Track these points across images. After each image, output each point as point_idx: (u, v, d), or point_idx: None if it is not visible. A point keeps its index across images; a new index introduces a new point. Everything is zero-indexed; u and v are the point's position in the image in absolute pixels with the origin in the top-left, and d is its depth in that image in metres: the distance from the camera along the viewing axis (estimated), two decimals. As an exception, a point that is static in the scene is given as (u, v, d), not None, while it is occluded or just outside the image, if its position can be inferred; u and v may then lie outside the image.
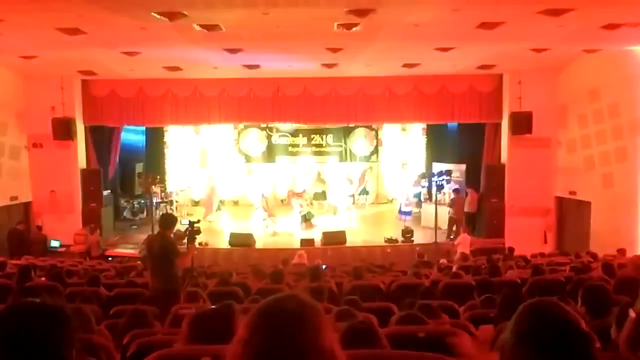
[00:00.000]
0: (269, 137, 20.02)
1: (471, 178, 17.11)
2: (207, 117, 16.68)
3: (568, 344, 1.51)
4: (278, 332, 1.32)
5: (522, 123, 15.04)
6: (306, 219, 16.62)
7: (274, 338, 1.31)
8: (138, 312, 4.57)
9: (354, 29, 9.82)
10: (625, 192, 12.76)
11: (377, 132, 20.18)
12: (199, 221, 7.81)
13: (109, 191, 17.05)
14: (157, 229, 7.49)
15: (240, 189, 19.74)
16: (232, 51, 12.01)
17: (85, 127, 16.23)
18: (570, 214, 15.13)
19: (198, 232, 7.68)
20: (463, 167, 17.48)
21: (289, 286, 7.64)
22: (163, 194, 18.06)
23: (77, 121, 15.67)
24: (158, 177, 17.56)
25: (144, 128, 19.00)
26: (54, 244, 15.17)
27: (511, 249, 13.18)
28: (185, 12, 8.78)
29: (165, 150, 19.97)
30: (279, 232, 16.41)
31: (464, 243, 13.76)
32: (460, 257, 12.13)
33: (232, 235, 15.23)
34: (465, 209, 16.33)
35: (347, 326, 2.89)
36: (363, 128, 19.90)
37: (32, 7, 8.41)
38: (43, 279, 8.20)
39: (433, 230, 15.30)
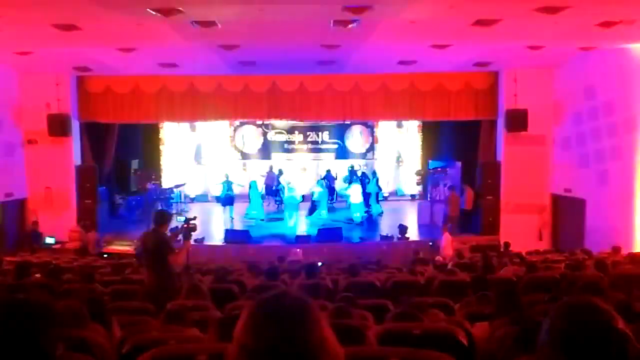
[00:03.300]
0: (264, 133, 20.02)
1: (467, 175, 17.14)
2: (203, 114, 16.66)
3: (603, 346, 1.49)
4: (277, 331, 1.30)
5: (517, 120, 15.08)
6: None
7: (273, 337, 1.30)
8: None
9: (350, 25, 9.83)
10: (620, 189, 12.81)
11: (373, 129, 20.20)
12: (194, 218, 7.79)
13: (105, 188, 17.01)
14: (152, 226, 7.47)
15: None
16: (228, 48, 11.99)
17: (81, 124, 16.18)
18: (565, 211, 15.18)
19: (194, 229, 7.65)
20: (459, 164, 17.52)
21: (285, 283, 7.66)
22: (158, 190, 18.04)
23: (73, 117, 15.63)
24: (153, 173, 17.53)
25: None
26: (49, 240, 15.14)
27: (507, 244, 13.21)
28: (180, 9, 8.77)
29: (161, 147, 19.96)
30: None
31: (446, 244, 13.73)
32: (455, 255, 12.15)
33: (227, 232, 15.23)
34: (461, 206, 16.38)
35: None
36: (359, 125, 19.93)
37: (28, 2, 8.39)
38: (38, 275, 8.18)
39: (429, 228, 15.32)
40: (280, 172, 18.70)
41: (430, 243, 14.80)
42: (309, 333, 1.31)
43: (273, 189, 18.26)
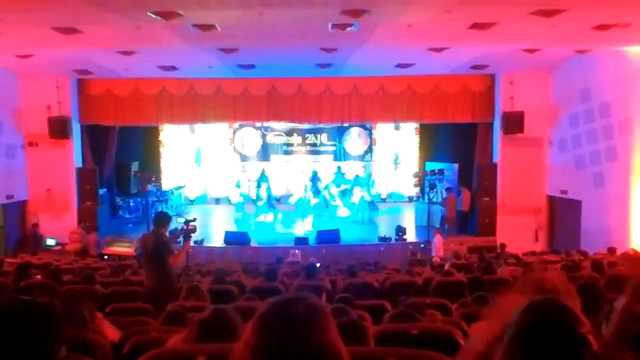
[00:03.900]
0: (263, 136, 20.07)
1: (464, 177, 17.22)
2: (202, 116, 16.72)
3: (559, 347, 1.49)
4: (286, 336, 1.31)
5: (514, 123, 15.16)
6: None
7: (283, 342, 1.30)
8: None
9: (348, 29, 9.90)
10: (616, 191, 12.89)
11: (371, 131, 20.27)
12: (194, 219, 7.85)
13: (105, 190, 17.08)
14: (152, 227, 7.54)
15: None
16: (227, 51, 12.06)
17: (81, 126, 16.26)
18: (561, 213, 15.26)
19: (194, 230, 7.71)
20: (456, 166, 17.60)
21: (284, 284, 7.72)
22: (158, 192, 18.11)
23: (73, 120, 15.70)
24: (153, 175, 17.58)
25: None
26: (50, 242, 15.20)
27: (503, 245, 13.30)
28: (180, 12, 8.83)
29: (161, 149, 20.02)
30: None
31: (438, 245, 13.79)
32: (452, 256, 12.23)
33: (227, 234, 15.29)
34: (458, 208, 16.45)
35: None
36: (357, 127, 19.98)
37: (29, 6, 8.46)
38: (39, 276, 8.23)
39: (426, 229, 15.40)
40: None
41: (422, 245, 14.86)
42: (314, 339, 1.32)
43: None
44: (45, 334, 1.80)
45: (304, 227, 16.46)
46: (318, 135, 20.02)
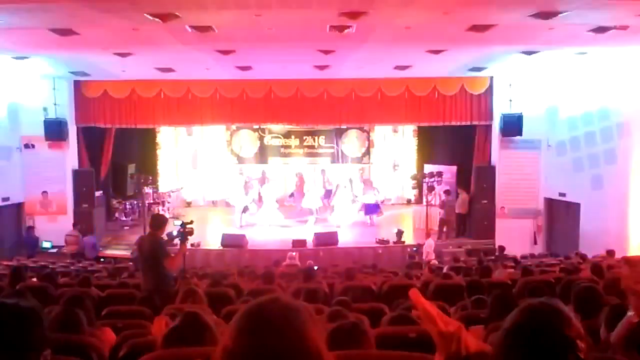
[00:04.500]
0: (261, 138, 20.04)
1: (462, 179, 17.20)
2: (200, 118, 16.72)
3: (542, 347, 1.50)
4: (261, 338, 1.30)
5: (512, 125, 15.17)
6: None
7: (258, 344, 1.29)
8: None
9: (346, 31, 9.88)
10: (614, 193, 12.87)
11: (368, 133, 20.25)
12: (191, 222, 7.82)
13: (101, 192, 17.01)
14: (149, 230, 7.49)
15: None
16: (225, 52, 12.03)
17: (78, 128, 16.20)
18: (560, 216, 15.25)
19: (190, 232, 7.68)
20: (454, 168, 17.58)
21: (281, 287, 7.67)
22: (155, 194, 18.05)
23: (69, 122, 15.65)
24: (150, 178, 17.55)
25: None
26: (46, 245, 15.13)
27: (502, 248, 13.26)
28: (177, 14, 8.80)
29: (158, 151, 19.97)
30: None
31: (429, 249, 13.77)
32: (451, 259, 12.21)
33: (224, 236, 15.23)
34: (456, 210, 16.43)
35: (335, 327, 2.92)
36: (355, 129, 19.97)
37: (26, 7, 8.41)
38: (34, 279, 8.18)
39: (424, 232, 15.36)
40: None
41: (415, 248, 14.82)
42: (289, 340, 1.30)
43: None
44: (26, 337, 1.77)
45: (304, 228, 16.42)
46: (316, 138, 20.02)
